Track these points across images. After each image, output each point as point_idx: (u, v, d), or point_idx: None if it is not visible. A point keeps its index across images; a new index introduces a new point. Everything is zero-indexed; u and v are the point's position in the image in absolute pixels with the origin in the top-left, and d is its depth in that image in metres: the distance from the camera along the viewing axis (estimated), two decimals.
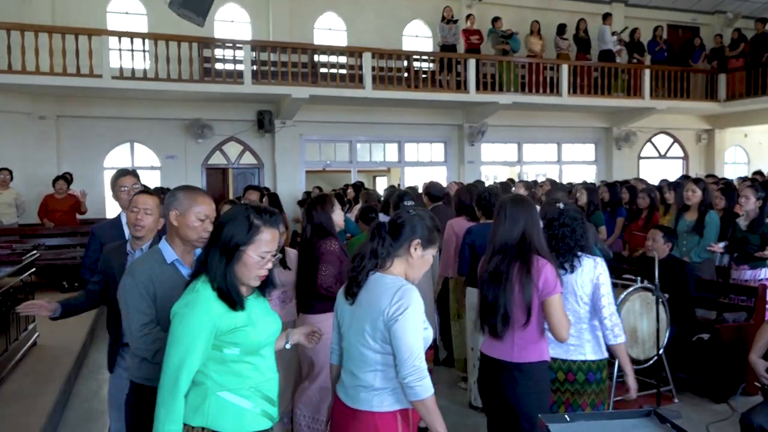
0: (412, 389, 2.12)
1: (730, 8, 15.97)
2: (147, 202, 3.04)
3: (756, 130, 16.28)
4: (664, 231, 5.06)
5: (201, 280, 2.06)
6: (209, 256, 2.06)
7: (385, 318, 2.14)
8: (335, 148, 13.41)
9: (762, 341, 3.40)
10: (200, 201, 2.51)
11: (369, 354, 2.21)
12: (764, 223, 5.31)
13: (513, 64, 12.73)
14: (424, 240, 2.28)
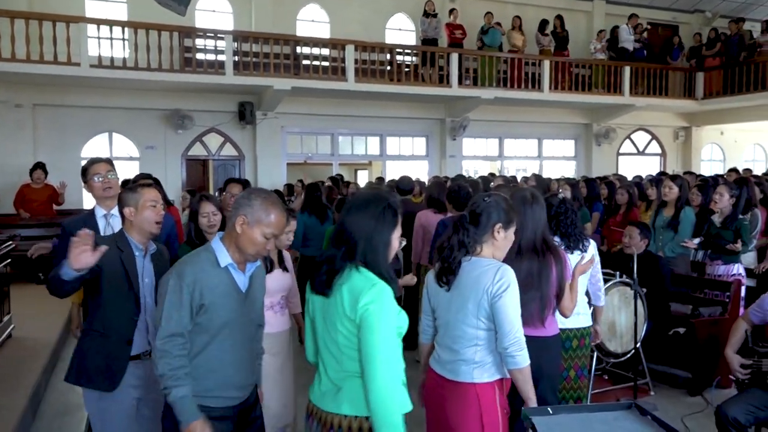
0: (513, 358, 2.35)
1: (709, 7, 16.19)
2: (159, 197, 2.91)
3: (732, 128, 16.55)
4: (640, 227, 5.14)
5: (361, 270, 2.01)
6: (367, 247, 2.02)
7: (489, 296, 2.36)
8: (317, 140, 13.35)
9: (737, 336, 3.47)
10: (274, 217, 2.23)
11: (470, 331, 2.42)
12: (737, 218, 5.42)
13: (495, 60, 12.78)
14: (504, 222, 2.51)
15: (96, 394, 2.71)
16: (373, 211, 2.05)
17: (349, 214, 2.07)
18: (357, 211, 2.06)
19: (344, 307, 1.98)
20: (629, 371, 4.89)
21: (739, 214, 5.49)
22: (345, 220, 2.07)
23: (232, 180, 5.29)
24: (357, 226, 2.04)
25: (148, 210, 2.78)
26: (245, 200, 2.24)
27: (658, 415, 1.98)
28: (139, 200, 2.78)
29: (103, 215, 3.42)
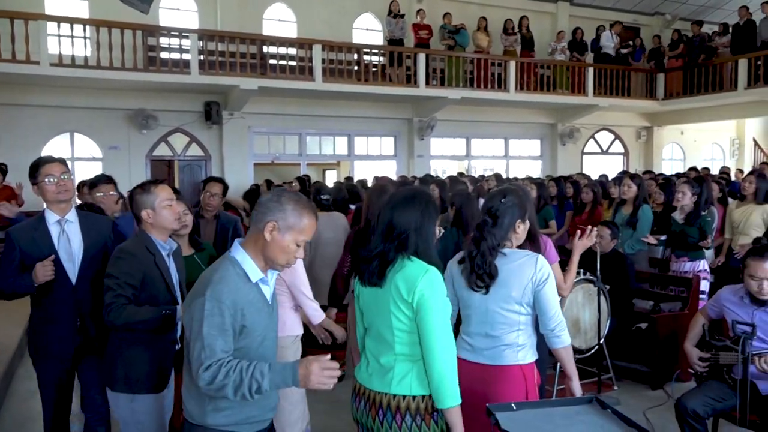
0: (559, 338, 2.58)
1: (669, 10, 16.58)
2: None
3: (692, 128, 16.97)
4: (610, 227, 5.24)
5: (412, 259, 2.20)
6: (418, 239, 2.22)
7: (534, 283, 2.55)
8: (284, 140, 13.27)
9: (695, 330, 3.58)
10: (308, 222, 2.06)
11: (514, 317, 2.58)
12: (701, 215, 5.54)
13: (461, 60, 12.88)
14: (521, 216, 2.70)
15: (129, 396, 2.70)
16: (419, 206, 2.26)
17: (396, 211, 2.25)
18: (404, 208, 2.26)
19: (400, 293, 2.17)
20: (593, 367, 4.99)
21: (702, 211, 5.61)
22: (393, 216, 2.25)
23: (212, 179, 4.90)
24: (406, 220, 2.23)
25: (166, 210, 2.80)
26: (275, 204, 2.04)
27: (620, 409, 2.03)
28: (155, 201, 2.78)
29: (56, 221, 3.10)
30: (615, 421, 1.96)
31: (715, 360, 3.42)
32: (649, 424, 4.23)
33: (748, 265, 3.25)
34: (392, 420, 2.19)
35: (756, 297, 3.24)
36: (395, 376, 2.20)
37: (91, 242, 3.17)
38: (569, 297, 4.64)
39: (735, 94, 13.49)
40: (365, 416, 2.28)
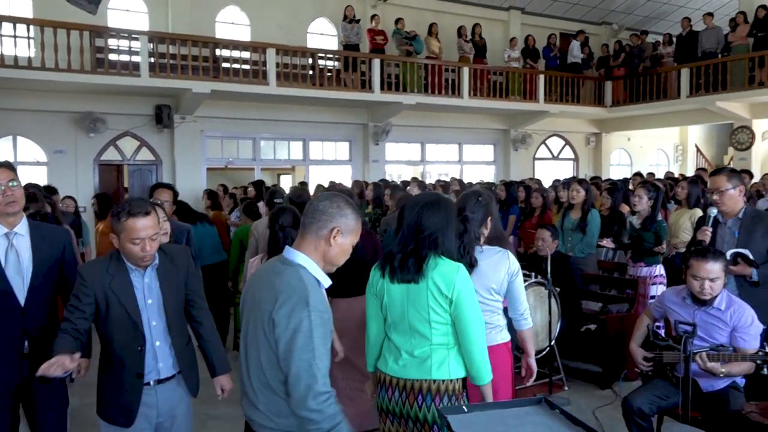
0: (526, 320, 3.03)
1: (616, 20, 17.12)
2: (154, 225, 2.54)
3: (637, 134, 17.54)
4: (549, 229, 5.36)
5: (442, 257, 2.48)
6: (445, 239, 2.50)
7: (509, 275, 2.94)
8: (238, 144, 13.11)
9: (640, 331, 3.69)
10: (360, 224, 2.20)
11: (493, 303, 2.95)
12: (656, 221, 5.68)
13: (416, 66, 12.99)
14: (490, 216, 3.06)
15: (114, 428, 2.60)
16: (445, 210, 2.54)
17: (424, 214, 2.49)
18: (431, 211, 2.50)
19: (439, 289, 2.42)
20: (545, 368, 5.09)
21: (658, 216, 5.76)
22: (421, 218, 2.49)
23: (160, 185, 4.67)
24: (434, 222, 2.49)
25: (129, 245, 2.48)
26: (337, 210, 2.11)
27: (571, 409, 2.09)
28: (120, 232, 2.50)
29: (3, 234, 2.81)
30: (563, 421, 2.00)
31: (659, 359, 3.53)
32: (598, 423, 4.34)
33: (691, 265, 3.36)
34: (431, 402, 2.44)
35: (697, 297, 3.36)
36: (433, 364, 2.45)
37: (43, 256, 2.89)
38: None
39: (678, 102, 14.01)
40: (400, 404, 2.50)
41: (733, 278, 3.78)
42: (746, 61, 12.71)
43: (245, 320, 2.20)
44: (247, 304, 2.20)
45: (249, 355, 2.13)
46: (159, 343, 2.62)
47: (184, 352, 2.73)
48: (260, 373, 2.08)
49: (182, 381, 2.74)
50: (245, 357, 2.16)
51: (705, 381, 3.38)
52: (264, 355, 2.05)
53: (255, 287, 2.16)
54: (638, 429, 3.43)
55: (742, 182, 4.00)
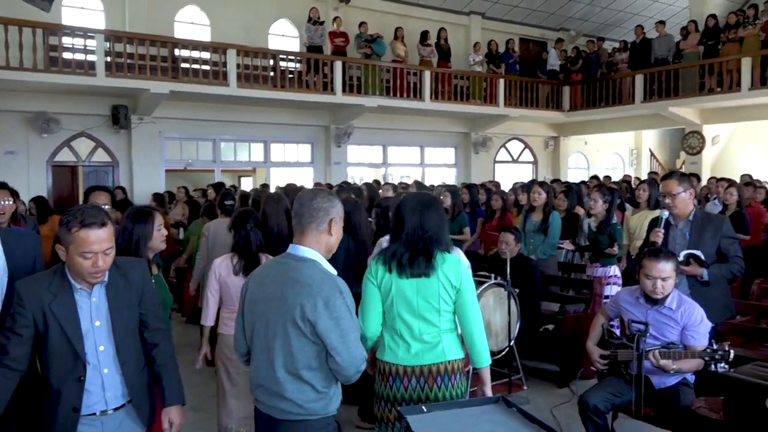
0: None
1: (573, 26, 17.50)
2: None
3: (594, 138, 17.95)
4: (513, 233, 5.44)
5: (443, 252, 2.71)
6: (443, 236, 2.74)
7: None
8: (198, 146, 12.92)
9: (596, 330, 3.78)
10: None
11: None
12: (611, 224, 5.84)
13: (378, 68, 13.03)
14: None
15: None
16: (440, 210, 2.79)
17: (425, 215, 2.70)
18: (429, 211, 2.72)
19: (450, 280, 2.65)
20: (504, 368, 5.16)
21: (612, 219, 5.91)
22: (423, 219, 2.69)
23: (95, 188, 4.36)
24: (434, 222, 2.71)
25: (79, 259, 2.23)
26: (329, 203, 2.31)
27: (529, 408, 2.13)
28: (69, 244, 2.23)
29: None
30: (519, 419, 2.04)
31: (613, 357, 3.62)
32: (556, 421, 4.42)
33: (644, 265, 3.47)
34: (449, 382, 2.68)
35: (650, 296, 3.46)
36: (446, 347, 2.69)
37: (17, 263, 2.65)
38: (481, 301, 4.79)
39: (633, 107, 14.40)
40: (419, 390, 2.67)
41: (685, 278, 3.92)
42: (697, 68, 13.15)
43: (259, 318, 2.28)
44: (260, 303, 2.28)
45: (273, 349, 2.22)
46: (107, 370, 2.36)
47: (137, 378, 2.47)
48: (288, 365, 2.20)
49: (132, 411, 2.46)
50: (265, 351, 2.25)
51: (657, 378, 3.49)
52: (295, 345, 2.19)
53: (268, 285, 2.27)
54: (594, 426, 3.50)
55: (691, 186, 4.15)
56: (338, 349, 2.16)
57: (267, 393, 2.26)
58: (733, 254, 3.94)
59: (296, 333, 2.17)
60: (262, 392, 2.28)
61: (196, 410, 4.64)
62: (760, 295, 5.41)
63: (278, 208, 4.44)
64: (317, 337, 2.16)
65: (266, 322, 2.25)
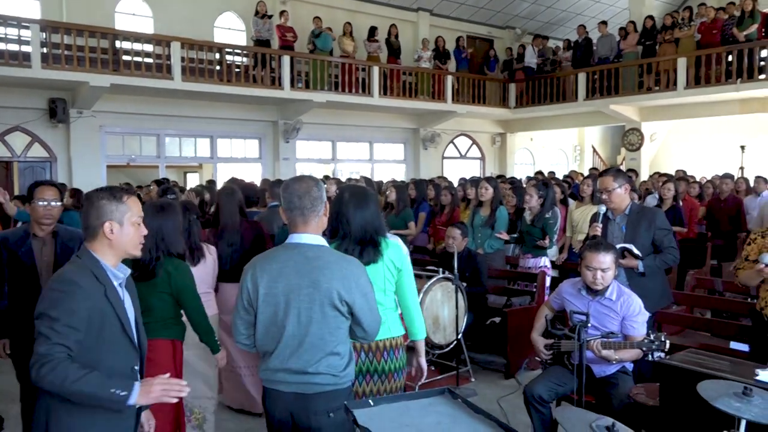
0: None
1: (519, 25, 17.82)
2: None
3: (540, 135, 18.35)
4: (460, 228, 5.52)
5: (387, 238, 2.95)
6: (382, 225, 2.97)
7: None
8: (141, 141, 12.56)
9: (540, 321, 3.87)
10: None
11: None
12: (544, 217, 6.04)
13: (326, 63, 12.96)
14: None
15: None
16: (374, 200, 2.97)
17: (365, 211, 2.87)
18: (368, 206, 2.89)
19: (393, 264, 2.91)
20: (452, 360, 5.23)
21: (546, 213, 6.10)
22: (366, 213, 2.86)
23: (41, 183, 3.88)
24: (373, 214, 2.91)
25: (134, 228, 2.21)
26: (321, 190, 2.47)
27: (477, 399, 2.16)
28: (125, 213, 2.18)
29: None
30: (465, 410, 2.07)
31: (557, 348, 3.73)
32: (502, 412, 4.51)
33: (585, 257, 3.58)
34: (393, 355, 2.95)
35: (591, 288, 3.57)
36: (390, 324, 2.93)
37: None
38: (429, 295, 4.84)
39: (576, 105, 14.79)
40: (368, 364, 2.91)
41: (623, 270, 4.06)
42: (636, 68, 13.60)
43: (286, 308, 2.35)
44: (285, 295, 2.35)
45: (309, 334, 2.35)
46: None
47: None
48: (325, 346, 2.36)
49: None
50: (296, 338, 2.35)
51: (598, 367, 3.60)
52: (333, 326, 2.37)
53: (290, 277, 2.36)
54: (538, 415, 3.60)
55: (627, 181, 4.30)
56: (367, 321, 2.43)
57: (297, 373, 2.37)
58: (667, 245, 4.10)
59: (334, 314, 2.36)
60: (289, 374, 2.38)
61: None
62: (695, 285, 5.66)
63: (232, 201, 4.53)
64: (351, 314, 2.40)
65: (298, 312, 2.35)
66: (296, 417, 2.37)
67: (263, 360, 2.44)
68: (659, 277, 4.25)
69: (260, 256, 2.50)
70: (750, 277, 3.53)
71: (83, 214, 2.19)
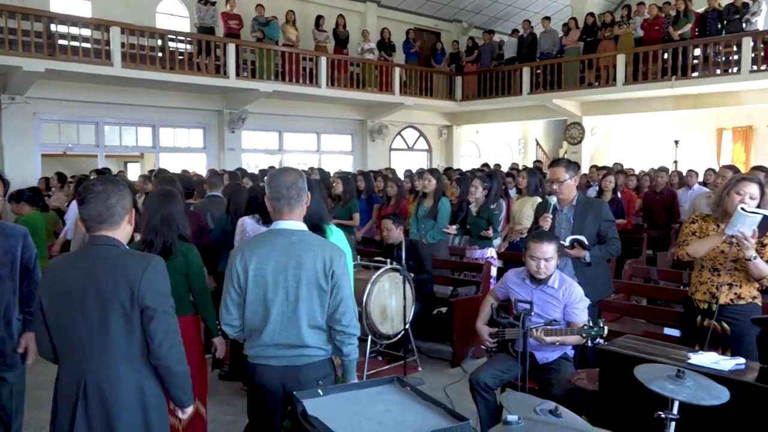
0: None
1: (466, 18, 18.01)
2: None
3: (485, 128, 18.64)
4: (392, 218, 5.56)
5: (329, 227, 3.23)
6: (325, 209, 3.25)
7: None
8: (78, 129, 12.09)
9: (485, 310, 3.95)
10: None
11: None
12: (489, 208, 6.15)
13: (273, 53, 12.77)
14: None
15: None
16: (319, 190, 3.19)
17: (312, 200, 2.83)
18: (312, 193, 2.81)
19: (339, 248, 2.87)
20: (400, 350, 5.28)
21: (491, 205, 6.21)
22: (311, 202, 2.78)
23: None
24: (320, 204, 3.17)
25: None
26: (302, 182, 2.61)
27: (423, 388, 2.20)
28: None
29: None
30: (413, 397, 2.10)
31: (501, 336, 3.82)
32: (448, 399, 4.59)
33: (529, 247, 3.67)
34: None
35: (534, 276, 3.66)
36: None
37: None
38: (377, 286, 4.87)
39: (520, 99, 15.09)
40: None
41: (570, 260, 4.18)
42: (578, 63, 13.97)
43: (276, 287, 2.51)
44: (272, 275, 2.51)
45: (297, 310, 2.51)
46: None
47: None
48: (312, 321, 2.53)
49: None
50: (284, 314, 2.52)
51: (540, 354, 3.71)
52: (318, 303, 2.53)
53: (278, 259, 2.52)
54: (483, 401, 3.67)
55: (576, 173, 4.42)
56: (343, 300, 2.54)
57: (287, 348, 2.53)
58: (611, 236, 4.24)
59: (319, 292, 2.52)
60: (279, 349, 2.54)
61: None
62: (632, 274, 5.89)
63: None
64: (334, 288, 2.53)
65: (286, 291, 2.51)
66: (287, 387, 2.50)
67: (251, 339, 2.59)
68: (602, 267, 4.40)
69: (247, 242, 2.70)
70: (703, 246, 3.51)
71: (99, 202, 2.18)
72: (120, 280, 2.08)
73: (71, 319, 2.10)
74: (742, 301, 3.48)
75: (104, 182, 2.22)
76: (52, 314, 2.15)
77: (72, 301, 2.10)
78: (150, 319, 2.10)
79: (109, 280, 2.08)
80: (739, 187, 3.44)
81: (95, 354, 2.09)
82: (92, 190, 2.17)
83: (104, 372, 2.10)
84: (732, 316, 3.48)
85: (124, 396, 2.10)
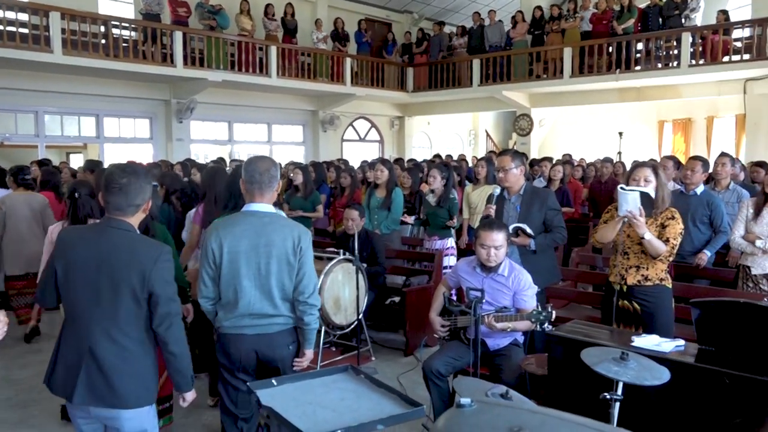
0: None
1: (416, 9, 18.05)
2: None
3: (437, 119, 18.79)
4: (357, 209, 5.57)
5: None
6: None
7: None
8: (16, 118, 11.60)
9: (438, 300, 4.00)
10: None
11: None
12: (449, 198, 6.18)
13: (222, 41, 12.53)
14: None
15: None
16: None
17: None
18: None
19: None
20: (353, 340, 5.30)
21: (450, 194, 6.25)
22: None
23: None
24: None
25: None
26: (275, 170, 2.90)
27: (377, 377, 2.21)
28: None
29: None
30: (368, 385, 2.12)
31: (454, 324, 3.87)
32: (402, 387, 4.62)
33: (479, 235, 3.73)
34: None
35: (485, 265, 3.73)
36: None
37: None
38: (330, 276, 4.86)
39: (471, 90, 15.26)
40: None
41: (517, 248, 4.27)
42: (526, 56, 14.22)
43: (249, 263, 2.81)
44: (246, 253, 2.81)
45: (269, 284, 2.83)
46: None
47: None
48: (282, 293, 2.85)
49: None
50: (258, 288, 2.83)
51: (491, 340, 3.78)
52: (288, 277, 2.84)
53: (251, 238, 2.81)
54: (436, 388, 3.73)
55: (523, 163, 4.51)
56: (306, 273, 2.85)
57: (261, 317, 2.85)
58: (556, 225, 4.35)
59: (288, 267, 2.83)
60: (253, 318, 2.85)
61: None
62: (579, 262, 6.06)
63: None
64: (300, 262, 2.83)
65: (257, 266, 2.81)
66: (260, 353, 2.87)
67: (225, 312, 2.87)
68: (549, 255, 4.50)
69: (221, 222, 2.94)
70: (607, 231, 3.77)
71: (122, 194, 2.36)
72: (133, 266, 2.28)
73: (81, 291, 2.30)
74: (649, 283, 3.70)
75: (129, 174, 2.37)
76: (63, 280, 2.34)
77: (85, 275, 2.29)
78: (156, 304, 2.31)
79: (123, 264, 2.27)
80: (634, 174, 3.77)
81: (102, 325, 2.28)
82: (117, 183, 2.34)
83: (108, 343, 2.29)
84: (641, 297, 3.71)
85: (126, 366, 2.30)
